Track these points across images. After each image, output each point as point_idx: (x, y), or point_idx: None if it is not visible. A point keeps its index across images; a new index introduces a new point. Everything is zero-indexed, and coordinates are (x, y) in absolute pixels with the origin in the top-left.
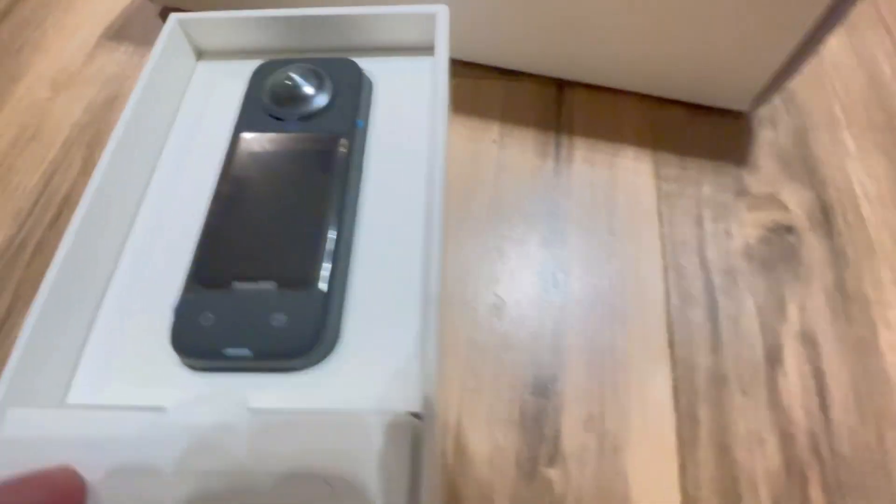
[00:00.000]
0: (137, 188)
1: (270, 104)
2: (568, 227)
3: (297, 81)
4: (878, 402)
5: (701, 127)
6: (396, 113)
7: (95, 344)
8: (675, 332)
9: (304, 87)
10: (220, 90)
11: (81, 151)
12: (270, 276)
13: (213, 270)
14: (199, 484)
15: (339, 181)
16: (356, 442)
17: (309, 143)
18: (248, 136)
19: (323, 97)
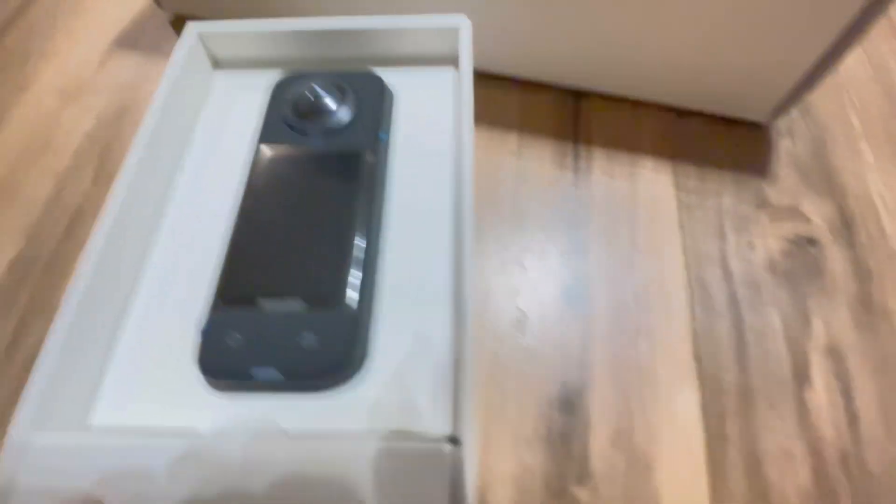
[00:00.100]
0: (158, 203)
1: (294, 117)
2: (589, 238)
3: (320, 95)
4: None
5: (719, 138)
6: (419, 125)
7: (118, 363)
8: (700, 346)
9: (327, 100)
10: (238, 101)
11: (93, 163)
12: (298, 294)
13: (239, 288)
14: None
15: (364, 195)
16: (394, 469)
17: (334, 157)
18: (271, 150)
19: (347, 111)
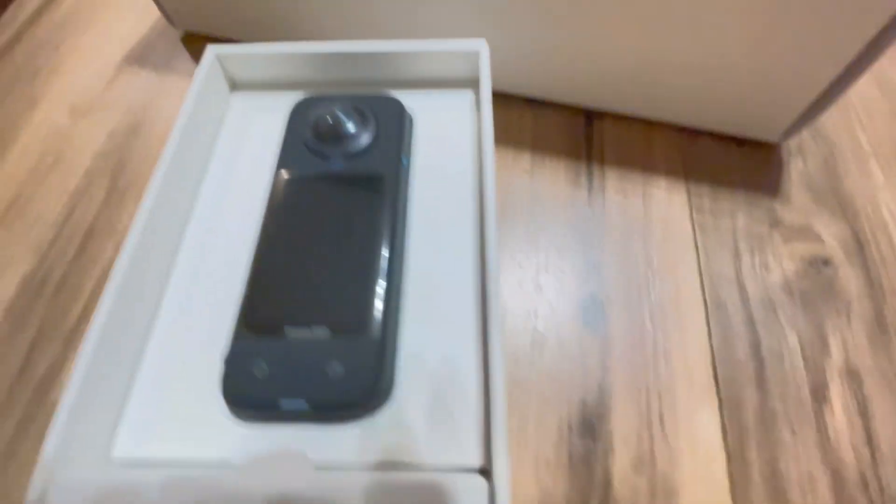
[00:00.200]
0: (178, 228)
1: (314, 141)
2: (605, 258)
3: (341, 119)
4: None
5: (731, 157)
6: (438, 148)
7: (139, 394)
8: (718, 368)
9: (348, 124)
10: (256, 124)
11: (105, 181)
12: (323, 321)
13: (264, 316)
14: None
15: (387, 220)
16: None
17: (355, 181)
18: (291, 174)
19: (367, 134)
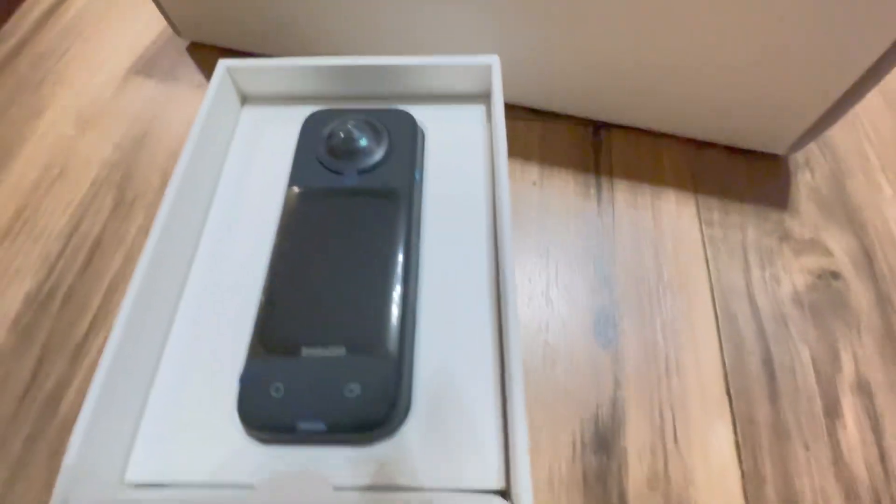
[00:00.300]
0: (191, 244)
1: (327, 156)
2: (615, 271)
3: (354, 134)
4: None
5: (739, 169)
6: (450, 163)
7: (153, 416)
8: (731, 382)
9: (361, 139)
10: (267, 138)
11: (112, 192)
12: (340, 340)
13: (279, 335)
14: None
15: (401, 236)
16: None
17: (369, 197)
18: (304, 190)
19: (380, 150)
